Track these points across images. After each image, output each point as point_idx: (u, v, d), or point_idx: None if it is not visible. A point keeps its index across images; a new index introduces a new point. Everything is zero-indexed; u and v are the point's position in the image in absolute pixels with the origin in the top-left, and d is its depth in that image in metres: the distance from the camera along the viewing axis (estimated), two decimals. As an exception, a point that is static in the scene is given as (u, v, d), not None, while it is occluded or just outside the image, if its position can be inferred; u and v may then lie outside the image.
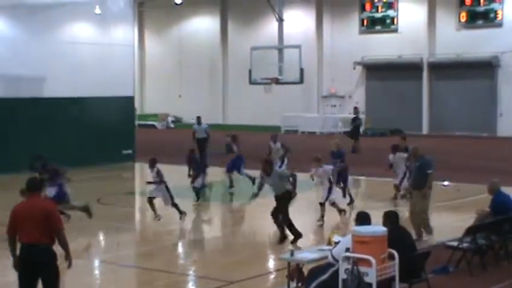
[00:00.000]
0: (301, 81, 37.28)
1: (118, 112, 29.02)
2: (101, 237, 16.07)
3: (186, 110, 54.41)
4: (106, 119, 28.27)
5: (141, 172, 28.94)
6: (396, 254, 9.12)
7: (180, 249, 14.91)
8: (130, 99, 30.46)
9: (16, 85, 26.31)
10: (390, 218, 10.27)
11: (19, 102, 25.98)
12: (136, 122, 33.46)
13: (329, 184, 16.35)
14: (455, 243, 12.23)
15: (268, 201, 17.16)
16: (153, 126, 52.36)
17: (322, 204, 16.29)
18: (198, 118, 27.41)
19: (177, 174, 21.60)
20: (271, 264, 13.35)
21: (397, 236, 9.64)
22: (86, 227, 16.18)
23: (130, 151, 29.36)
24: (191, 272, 12.75)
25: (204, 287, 11.60)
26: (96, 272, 13.14)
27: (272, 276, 12.21)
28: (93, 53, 28.75)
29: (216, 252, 14.58)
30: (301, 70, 36.56)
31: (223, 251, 14.73)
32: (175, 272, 12.68)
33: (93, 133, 27.59)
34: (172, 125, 54.01)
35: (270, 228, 16.66)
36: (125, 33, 30.40)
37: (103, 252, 14.53)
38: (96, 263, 13.54)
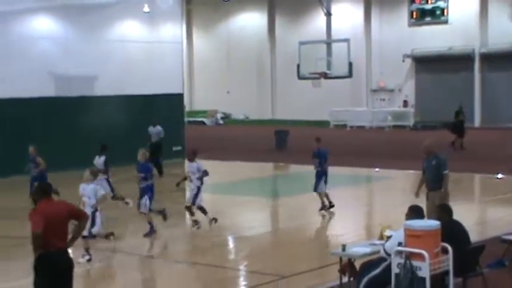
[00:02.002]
0: (349, 75, 37.05)
1: (168, 109, 29.23)
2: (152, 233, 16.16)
3: (234, 106, 54.61)
4: (156, 116, 28.50)
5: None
6: (450, 248, 8.97)
7: (231, 244, 14.94)
8: (179, 97, 30.65)
9: (67, 84, 26.74)
10: (445, 211, 10.10)
11: (70, 100, 26.38)
12: (186, 119, 33.66)
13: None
14: (510, 237, 11.98)
15: (316, 197, 17.11)
16: (202, 122, 52.68)
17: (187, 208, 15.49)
18: (154, 120, 24.99)
19: (224, 170, 21.65)
20: (322, 259, 13.27)
21: (451, 229, 9.47)
22: (137, 224, 16.32)
23: (180, 148, 29.55)
24: (243, 267, 12.75)
25: (255, 281, 11.58)
26: (149, 267, 13.25)
27: (323, 271, 12.15)
28: (142, 51, 29.04)
29: (267, 248, 14.56)
30: (350, 64, 36.33)
31: (274, 247, 14.70)
32: (227, 267, 12.71)
33: (143, 130, 27.82)
34: (221, 121, 54.25)
35: (320, 223, 16.61)
36: (173, 30, 30.61)
37: (155, 248, 14.64)
38: (149, 259, 13.65)
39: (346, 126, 46.67)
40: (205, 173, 15.46)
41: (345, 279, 10.07)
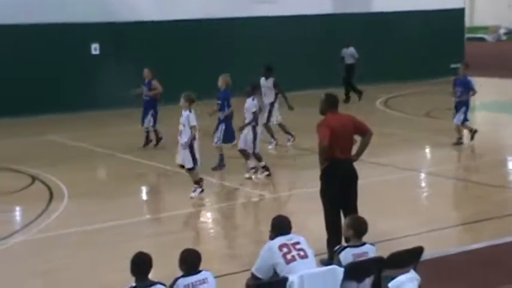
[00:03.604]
0: None
1: (447, 25, 28.33)
2: (427, 150, 16.05)
3: (519, 21, 51.26)
4: (435, 32, 27.81)
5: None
6: None
7: (510, 165, 14.34)
8: (460, 12, 29.50)
9: (345, 1, 26.88)
10: None
11: (349, 17, 26.57)
12: (466, 35, 32.34)
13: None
14: None
15: None
16: (482, 39, 50.25)
17: None
18: (348, 40, 23.04)
19: (503, 88, 20.57)
20: None
21: None
22: (407, 140, 16.33)
23: (458, 65, 28.61)
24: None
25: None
26: (423, 184, 13.23)
27: None
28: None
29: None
30: None
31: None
32: (508, 187, 12.25)
33: (422, 47, 27.36)
34: (504, 38, 51.32)
35: None
36: None
37: (430, 165, 14.55)
38: (423, 175, 13.61)
39: None
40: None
41: None
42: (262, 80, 15.60)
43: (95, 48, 22.33)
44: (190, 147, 11.61)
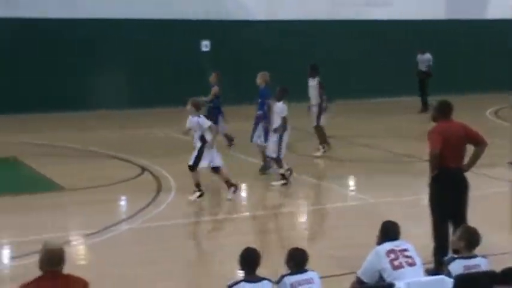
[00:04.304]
0: None
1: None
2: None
3: None
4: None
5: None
6: None
7: None
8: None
9: (459, 7, 26.27)
10: None
11: (462, 23, 25.95)
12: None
13: None
14: None
15: None
16: None
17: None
18: (422, 48, 22.10)
19: None
20: None
21: None
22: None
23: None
24: None
25: None
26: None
27: None
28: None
29: None
30: None
31: None
32: None
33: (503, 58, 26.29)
34: None
35: None
36: None
37: None
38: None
39: None
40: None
41: None
42: (310, 80, 15.33)
43: (205, 45, 22.75)
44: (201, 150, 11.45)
